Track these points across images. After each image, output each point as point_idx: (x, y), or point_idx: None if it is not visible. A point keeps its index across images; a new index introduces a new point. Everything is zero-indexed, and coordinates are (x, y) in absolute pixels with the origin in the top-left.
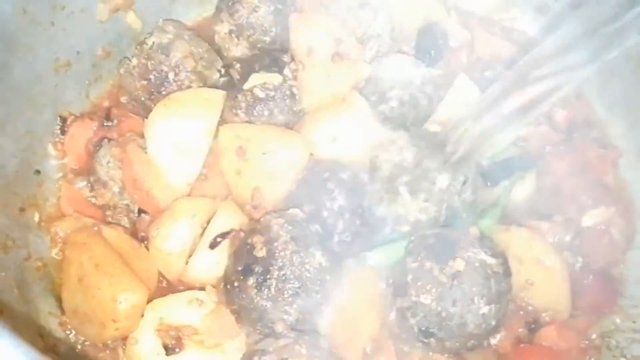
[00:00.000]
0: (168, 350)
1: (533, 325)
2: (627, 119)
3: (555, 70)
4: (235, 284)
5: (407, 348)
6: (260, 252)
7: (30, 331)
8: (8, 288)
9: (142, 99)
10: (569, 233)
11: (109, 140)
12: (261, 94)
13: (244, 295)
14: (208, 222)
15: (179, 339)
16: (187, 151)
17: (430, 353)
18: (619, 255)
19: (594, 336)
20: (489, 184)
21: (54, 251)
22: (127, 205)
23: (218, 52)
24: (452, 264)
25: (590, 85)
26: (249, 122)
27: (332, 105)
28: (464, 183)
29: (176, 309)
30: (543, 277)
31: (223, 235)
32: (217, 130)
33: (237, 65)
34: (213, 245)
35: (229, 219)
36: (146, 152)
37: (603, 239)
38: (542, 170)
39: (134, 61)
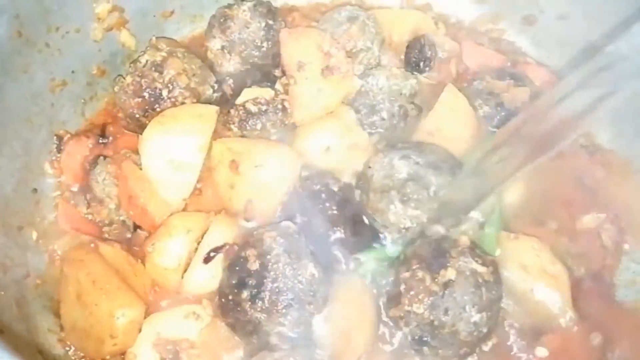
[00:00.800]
0: None
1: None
2: (614, 127)
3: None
4: (230, 297)
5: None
6: (254, 265)
7: (31, 349)
8: (7, 307)
9: (137, 116)
10: (564, 239)
11: (105, 157)
12: (253, 109)
13: (238, 309)
14: (203, 236)
15: (176, 353)
16: (182, 167)
17: None
18: (611, 260)
19: (596, 341)
20: None
21: (52, 269)
22: (123, 221)
23: (210, 68)
24: (443, 273)
25: None
26: (242, 136)
27: (323, 118)
28: None
29: (173, 324)
30: (548, 285)
31: (217, 250)
32: (211, 145)
33: (230, 81)
34: (207, 260)
35: (222, 234)
36: (141, 169)
37: (595, 244)
38: (532, 178)
39: (128, 79)
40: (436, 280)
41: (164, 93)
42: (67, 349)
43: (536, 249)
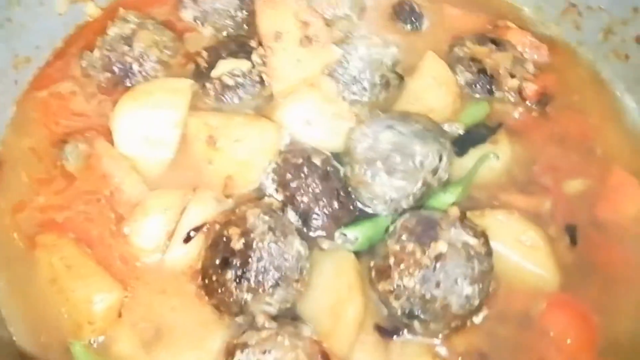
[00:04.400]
0: (147, 347)
1: None
2: None
3: None
4: (214, 277)
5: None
6: (237, 244)
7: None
8: None
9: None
10: (547, 204)
11: (76, 135)
12: (230, 81)
13: (223, 289)
14: (181, 215)
15: (157, 336)
16: (157, 143)
17: (415, 338)
18: None
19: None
20: (456, 150)
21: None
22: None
23: (183, 40)
24: (434, 246)
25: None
26: (219, 110)
27: (302, 89)
28: (440, 160)
29: (153, 306)
30: (523, 255)
31: (197, 229)
32: (187, 120)
33: (204, 53)
34: (187, 240)
35: (201, 212)
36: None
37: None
38: (517, 142)
39: (96, 53)
40: (427, 252)
41: (135, 67)
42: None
43: (505, 222)
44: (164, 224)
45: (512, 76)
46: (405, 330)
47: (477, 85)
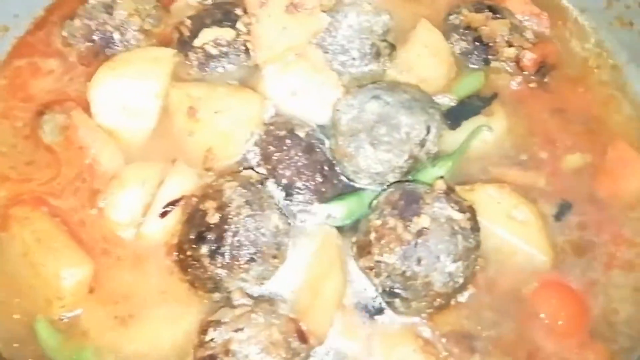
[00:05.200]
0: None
1: None
2: None
3: None
4: (188, 253)
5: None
6: (213, 219)
7: None
8: None
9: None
10: (542, 179)
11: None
12: (213, 51)
13: (197, 265)
14: (159, 188)
15: (131, 312)
16: (136, 114)
17: (397, 318)
18: None
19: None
20: (449, 122)
21: None
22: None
23: (165, 7)
24: (416, 220)
25: None
26: (202, 80)
27: (288, 59)
28: (428, 132)
29: (126, 280)
30: (514, 231)
31: (174, 203)
32: (168, 90)
33: (187, 22)
34: (164, 215)
35: (180, 185)
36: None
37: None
38: (514, 114)
39: (77, 22)
40: (408, 228)
41: (116, 36)
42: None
43: (495, 197)
44: (141, 198)
45: (510, 45)
46: (387, 309)
47: (473, 54)
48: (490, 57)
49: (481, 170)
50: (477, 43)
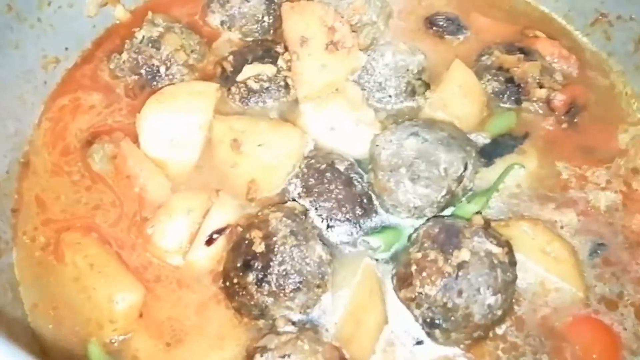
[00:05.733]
0: (167, 347)
1: None
2: None
3: None
4: (235, 280)
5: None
6: (259, 247)
7: (26, 337)
8: (2, 291)
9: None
10: (573, 217)
11: (103, 136)
12: (255, 86)
13: (244, 292)
14: (204, 218)
15: (177, 337)
16: (182, 145)
17: (436, 348)
18: None
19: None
20: (482, 160)
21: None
22: None
23: (207, 43)
24: (457, 254)
25: None
26: (243, 114)
27: (327, 95)
28: (465, 169)
29: (175, 307)
30: (549, 268)
31: (219, 232)
32: (211, 123)
33: (230, 57)
34: (209, 242)
35: (224, 214)
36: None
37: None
38: (545, 153)
39: (124, 56)
40: (449, 260)
41: (162, 70)
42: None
43: (529, 233)
44: (187, 226)
45: (541, 86)
46: (427, 340)
47: (505, 94)
48: (522, 97)
49: (514, 207)
50: (509, 84)
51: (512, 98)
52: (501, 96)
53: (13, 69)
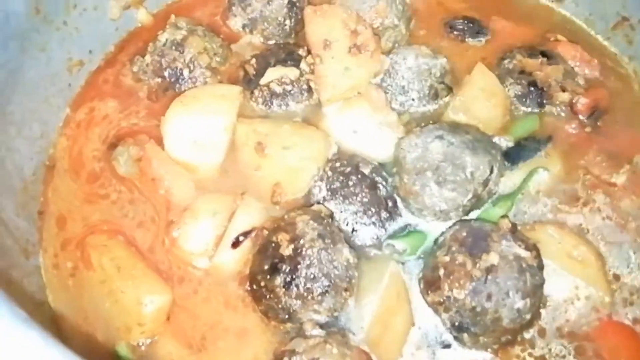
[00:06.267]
0: (194, 350)
1: None
2: None
3: None
4: (262, 283)
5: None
6: (287, 250)
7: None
8: (30, 296)
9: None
10: (599, 219)
11: (127, 139)
12: (278, 89)
13: (271, 295)
14: (229, 220)
15: (205, 340)
16: (206, 148)
17: (464, 352)
18: None
19: None
20: (506, 163)
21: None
22: None
23: (228, 46)
24: (485, 258)
25: None
26: (267, 117)
27: (350, 98)
28: (491, 172)
29: (202, 310)
30: (576, 272)
31: (245, 234)
32: (235, 126)
33: (253, 60)
34: (235, 245)
35: (250, 217)
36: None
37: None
38: (569, 156)
39: (147, 59)
40: (477, 264)
41: (185, 73)
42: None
43: (556, 237)
44: (213, 229)
45: (563, 90)
46: (454, 344)
47: (527, 98)
48: (544, 101)
49: (540, 211)
50: (531, 87)
51: (535, 101)
52: (524, 100)
53: (39, 71)
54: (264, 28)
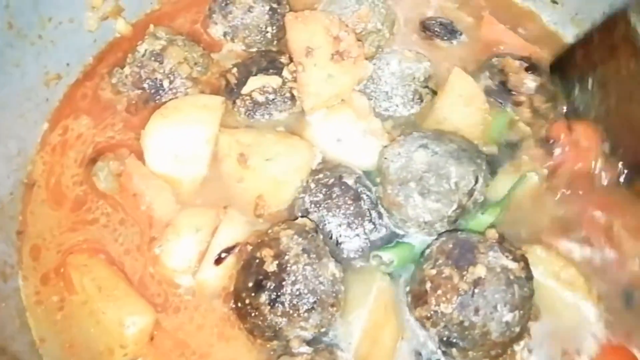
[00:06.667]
0: None
1: None
2: None
3: None
4: (247, 301)
5: None
6: (271, 267)
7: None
8: (9, 319)
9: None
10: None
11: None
12: (260, 98)
13: (256, 313)
14: (213, 235)
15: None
16: (188, 160)
17: None
18: None
19: None
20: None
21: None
22: None
23: (210, 55)
24: (472, 270)
25: None
26: (250, 126)
27: (334, 105)
28: (476, 182)
29: (186, 329)
30: (566, 287)
31: (228, 250)
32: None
33: (234, 69)
34: (218, 262)
35: (233, 232)
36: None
37: None
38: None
39: (126, 70)
40: (465, 277)
41: (165, 84)
42: None
43: (543, 257)
44: (196, 244)
45: (531, 104)
46: (443, 358)
47: (492, 93)
48: (509, 102)
49: (528, 230)
50: (499, 86)
51: (499, 100)
52: (488, 94)
53: (14, 87)
54: (245, 36)
